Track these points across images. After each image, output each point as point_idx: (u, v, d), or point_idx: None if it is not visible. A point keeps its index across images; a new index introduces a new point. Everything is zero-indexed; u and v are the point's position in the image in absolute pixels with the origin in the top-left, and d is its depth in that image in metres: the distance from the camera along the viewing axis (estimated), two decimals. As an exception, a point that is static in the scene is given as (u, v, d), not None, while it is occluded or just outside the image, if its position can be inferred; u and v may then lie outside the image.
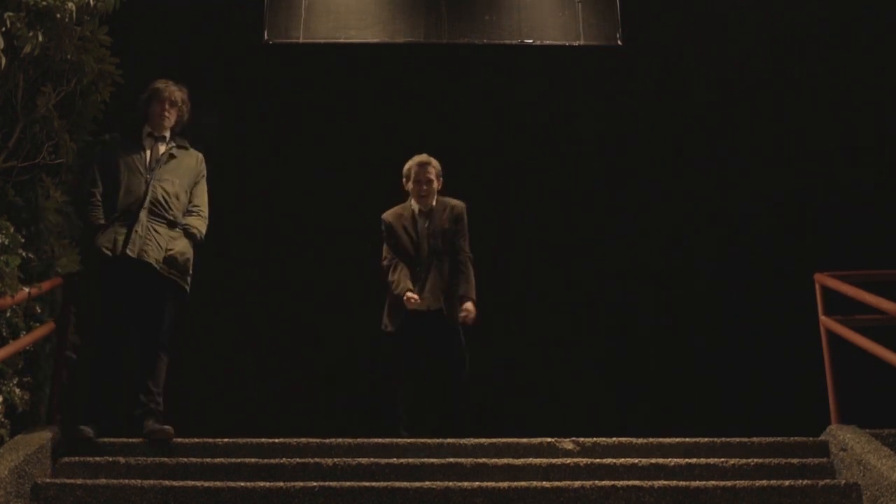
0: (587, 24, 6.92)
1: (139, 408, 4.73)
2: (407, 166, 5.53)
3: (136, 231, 4.79)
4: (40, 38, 4.56)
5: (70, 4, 4.67)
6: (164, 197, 4.93)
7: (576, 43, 6.90)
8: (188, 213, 5.05)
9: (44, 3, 4.56)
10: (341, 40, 6.91)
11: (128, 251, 4.75)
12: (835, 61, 7.22)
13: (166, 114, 5.14)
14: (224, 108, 6.93)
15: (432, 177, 5.46)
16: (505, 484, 3.93)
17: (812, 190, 7.12)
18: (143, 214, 4.84)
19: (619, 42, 6.88)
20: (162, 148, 5.11)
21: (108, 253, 4.77)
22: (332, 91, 7.31)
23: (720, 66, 7.27)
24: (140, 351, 4.86)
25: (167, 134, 5.17)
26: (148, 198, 4.89)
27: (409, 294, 5.19)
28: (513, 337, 6.93)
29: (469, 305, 5.26)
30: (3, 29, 4.42)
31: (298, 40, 6.88)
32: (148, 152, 5.07)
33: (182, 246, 4.93)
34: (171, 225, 4.94)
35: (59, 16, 4.61)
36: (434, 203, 5.47)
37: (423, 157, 5.51)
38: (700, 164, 7.16)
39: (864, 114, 7.10)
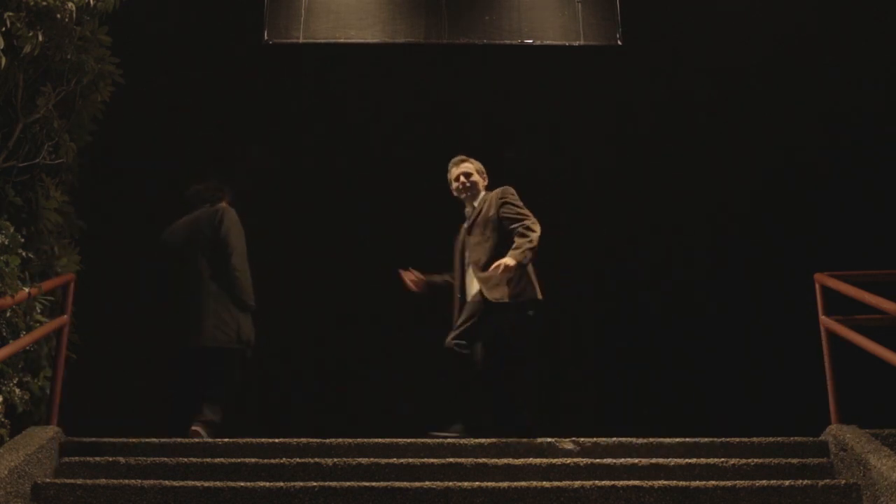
0: (587, 24, 6.92)
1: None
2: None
3: None
4: (40, 38, 4.56)
5: (70, 4, 4.67)
6: None
7: (576, 43, 6.89)
8: None
9: (44, 3, 4.56)
10: (341, 40, 6.90)
11: None
12: (835, 60, 7.22)
13: None
14: (224, 107, 6.94)
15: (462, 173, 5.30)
16: (505, 484, 3.93)
17: (811, 189, 7.12)
18: None
19: (619, 42, 6.88)
20: None
21: None
22: (332, 91, 7.30)
23: (720, 66, 7.27)
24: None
25: None
26: None
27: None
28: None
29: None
30: (3, 29, 4.42)
31: (298, 40, 6.87)
32: None
33: None
34: None
35: (59, 16, 4.62)
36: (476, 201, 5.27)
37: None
38: (699, 163, 7.16)
39: (865, 113, 7.10)
